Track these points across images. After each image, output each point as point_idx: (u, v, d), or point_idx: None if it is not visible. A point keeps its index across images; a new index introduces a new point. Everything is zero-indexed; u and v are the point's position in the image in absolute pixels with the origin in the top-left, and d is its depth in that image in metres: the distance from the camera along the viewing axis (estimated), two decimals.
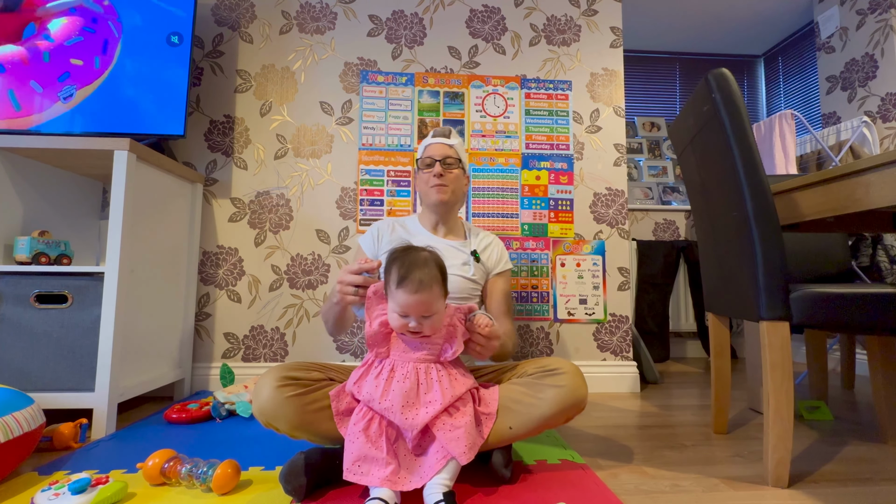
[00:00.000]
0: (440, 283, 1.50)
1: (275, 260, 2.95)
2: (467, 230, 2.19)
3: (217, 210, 2.96)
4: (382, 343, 1.53)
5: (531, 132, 3.13)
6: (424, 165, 2.08)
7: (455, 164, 2.08)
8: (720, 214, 1.87)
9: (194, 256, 2.82)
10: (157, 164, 2.43)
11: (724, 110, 1.71)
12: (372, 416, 1.46)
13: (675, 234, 4.71)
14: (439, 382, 1.49)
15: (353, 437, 1.42)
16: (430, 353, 1.52)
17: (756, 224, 1.64)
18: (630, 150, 5.10)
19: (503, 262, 2.13)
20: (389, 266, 1.50)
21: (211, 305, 2.90)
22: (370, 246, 2.08)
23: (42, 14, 2.53)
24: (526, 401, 1.60)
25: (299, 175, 3.01)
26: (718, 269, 2.00)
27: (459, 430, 1.44)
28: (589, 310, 3.05)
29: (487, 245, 2.14)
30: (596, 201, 3.12)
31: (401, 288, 1.44)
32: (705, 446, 2.02)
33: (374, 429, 1.44)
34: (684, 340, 4.67)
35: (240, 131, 3.02)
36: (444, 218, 2.11)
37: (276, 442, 1.97)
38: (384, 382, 1.48)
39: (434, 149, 2.09)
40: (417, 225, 2.15)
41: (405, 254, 1.51)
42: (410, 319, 1.46)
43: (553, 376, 1.62)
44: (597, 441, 2.08)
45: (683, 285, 4.42)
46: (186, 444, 1.95)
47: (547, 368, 1.65)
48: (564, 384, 1.59)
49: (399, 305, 1.46)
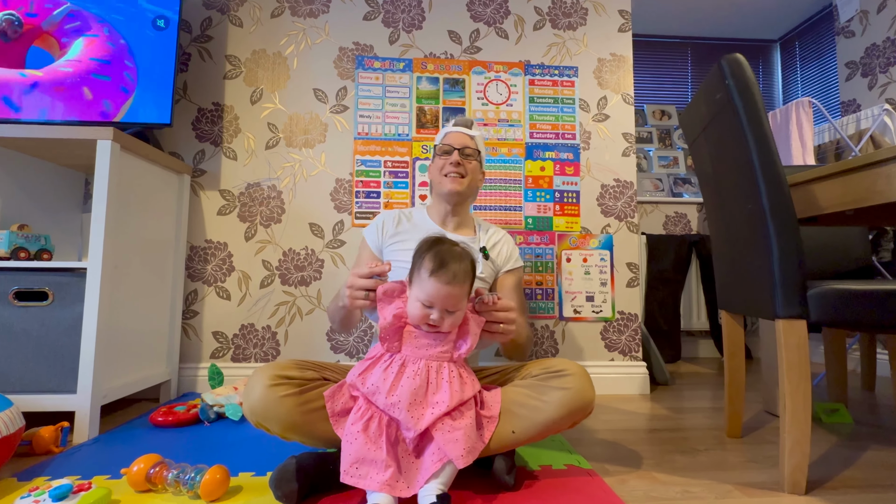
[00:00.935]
0: (470, 282, 1.54)
1: (266, 255, 2.95)
2: (477, 225, 2.19)
3: (205, 202, 2.95)
4: (395, 337, 1.53)
5: (535, 120, 3.12)
6: (442, 152, 2.09)
7: (474, 154, 2.10)
8: (734, 207, 1.86)
9: (181, 251, 2.81)
10: (142, 155, 2.43)
11: (738, 97, 1.70)
12: (371, 414, 1.46)
13: (687, 227, 4.70)
14: (449, 383, 1.49)
15: (351, 437, 1.42)
16: (445, 351, 1.52)
17: (772, 217, 1.63)
18: (639, 139, 5.09)
19: (513, 260, 2.12)
20: (422, 254, 1.53)
21: (199, 303, 2.90)
22: (375, 239, 2.08)
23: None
24: (530, 404, 1.60)
25: (292, 166, 3.01)
26: (732, 265, 1.99)
27: (459, 432, 1.44)
28: (596, 307, 3.05)
29: (497, 241, 2.14)
30: (604, 193, 3.12)
31: (434, 277, 1.47)
32: (718, 451, 2.02)
33: (374, 428, 1.44)
34: (696, 339, 4.67)
35: (229, 120, 3.01)
36: (455, 210, 2.11)
37: (268, 446, 1.97)
38: (393, 377, 1.48)
39: (454, 137, 2.11)
40: (425, 217, 2.15)
41: (440, 244, 1.54)
42: (434, 311, 1.48)
43: (559, 378, 1.61)
44: (604, 445, 2.08)
45: (695, 281, 4.41)
46: (173, 448, 1.95)
47: (552, 370, 1.64)
48: (570, 386, 1.59)
49: (427, 295, 1.48)
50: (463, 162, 2.06)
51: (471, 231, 2.15)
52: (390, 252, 2.03)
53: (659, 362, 3.29)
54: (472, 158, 2.08)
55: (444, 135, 2.15)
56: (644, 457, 1.94)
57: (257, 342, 2.90)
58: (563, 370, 1.63)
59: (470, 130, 2.13)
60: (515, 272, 2.11)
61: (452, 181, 2.04)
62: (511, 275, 2.10)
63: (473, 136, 2.12)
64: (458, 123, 2.15)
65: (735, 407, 2.20)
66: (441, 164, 2.08)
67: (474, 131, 2.14)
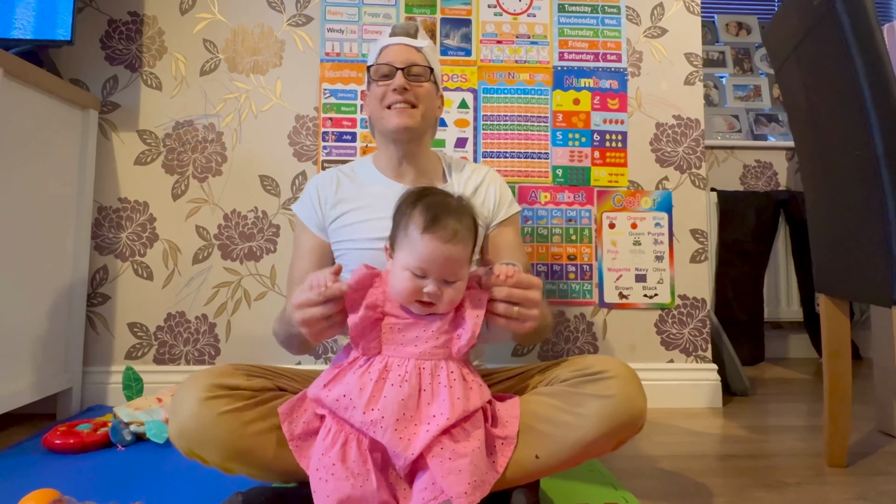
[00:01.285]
0: (472, 245, 1.52)
1: (201, 219, 2.94)
2: (446, 167, 2.13)
3: (119, 148, 2.94)
4: (373, 335, 1.49)
5: (567, 36, 3.10)
6: (380, 76, 1.99)
7: (424, 74, 2.00)
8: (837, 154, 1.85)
9: (86, 214, 2.79)
10: (31, 82, 2.40)
11: (842, 4, 1.67)
12: (346, 437, 1.42)
13: (773, 181, 4.69)
14: (449, 389, 1.44)
15: (325, 471, 1.38)
16: (440, 345, 1.49)
17: (889, 168, 1.61)
18: (708, 62, 5.06)
19: (507, 204, 2.07)
20: (408, 207, 1.50)
21: (109, 284, 2.89)
22: (312, 215, 2.02)
23: None
24: (559, 418, 1.56)
25: (236, 98, 2.99)
26: (835, 233, 1.98)
27: (463, 460, 1.39)
28: (649, 290, 3.04)
29: (479, 185, 2.08)
30: (659, 135, 3.11)
31: (429, 234, 1.43)
32: (816, 485, 2.01)
33: (354, 454, 1.40)
34: (786, 334, 4.68)
35: (151, 35, 2.99)
36: (410, 154, 2.04)
37: (204, 478, 1.95)
38: (372, 385, 1.43)
39: (393, 52, 1.99)
40: (372, 170, 2.09)
41: (430, 194, 1.52)
42: (429, 282, 1.44)
43: (597, 382, 1.57)
44: (661, 477, 2.08)
45: (784, 255, 4.42)
46: (75, 480, 1.94)
47: (588, 371, 1.60)
48: (613, 393, 1.54)
49: (420, 258, 1.44)
50: (411, 86, 1.95)
51: (438, 178, 2.09)
52: (336, 231, 1.99)
53: (735, 365, 3.28)
54: (422, 79, 1.99)
55: (379, 51, 2.04)
56: (715, 493, 1.93)
57: (189, 337, 2.90)
58: (604, 371, 1.57)
59: (415, 41, 2.02)
60: (512, 221, 2.08)
61: (399, 114, 1.93)
62: (508, 226, 2.06)
63: (421, 47, 2.02)
64: (398, 32, 2.05)
65: (839, 425, 2.19)
66: (381, 92, 1.96)
67: (422, 41, 2.03)
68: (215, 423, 1.46)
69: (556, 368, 1.70)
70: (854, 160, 1.73)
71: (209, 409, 1.46)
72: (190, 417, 1.47)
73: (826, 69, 1.81)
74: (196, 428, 1.47)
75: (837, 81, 1.75)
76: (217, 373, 1.54)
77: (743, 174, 4.70)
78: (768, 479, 2.05)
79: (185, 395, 1.49)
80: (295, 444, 1.48)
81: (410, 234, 1.45)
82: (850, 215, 1.83)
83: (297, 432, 1.48)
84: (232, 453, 1.49)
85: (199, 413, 1.46)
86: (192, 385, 1.50)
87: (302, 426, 1.49)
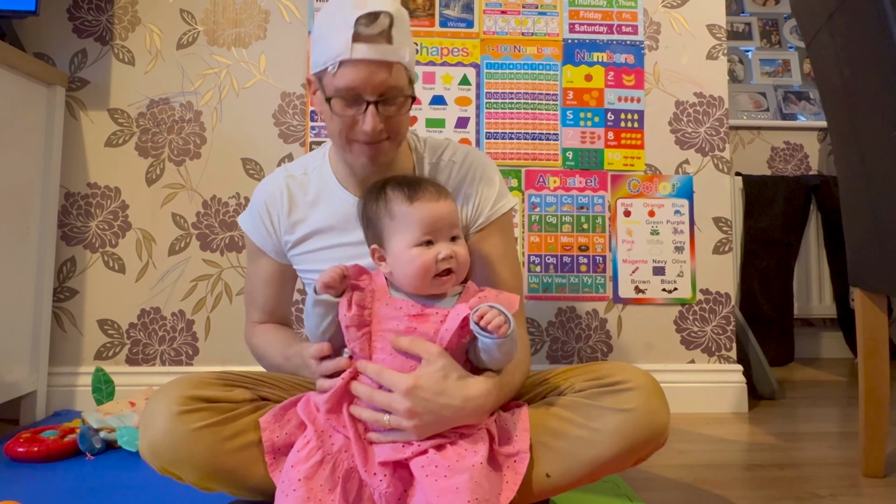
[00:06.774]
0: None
1: (178, 206, 2.95)
2: (417, 158, 1.88)
3: (88, 128, 2.94)
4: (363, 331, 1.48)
5: (578, 6, 3.10)
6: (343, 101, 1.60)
7: (402, 98, 1.65)
8: (874, 135, 1.84)
9: (51, 201, 2.79)
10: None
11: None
12: (323, 456, 1.41)
13: (804, 165, 4.70)
14: None
15: (288, 485, 1.37)
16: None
17: None
18: (733, 34, 5.05)
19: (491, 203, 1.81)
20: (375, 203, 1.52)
21: (78, 277, 2.90)
22: (266, 240, 1.85)
23: None
24: (573, 433, 1.54)
25: (216, 73, 2.99)
26: (873, 221, 1.97)
27: (461, 478, 1.36)
28: (668, 284, 3.04)
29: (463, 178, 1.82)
30: (679, 115, 3.11)
31: (417, 200, 1.46)
32: (850, 497, 2.01)
33: (324, 477, 1.38)
34: (818, 332, 4.69)
35: (123, 5, 2.98)
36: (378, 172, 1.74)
37: (180, 490, 1.95)
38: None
39: (361, 73, 1.56)
40: (329, 178, 1.84)
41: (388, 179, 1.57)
42: (441, 246, 1.44)
43: (616, 394, 1.54)
44: (680, 489, 2.08)
45: (816, 246, 4.41)
46: (40, 492, 1.94)
47: (606, 381, 1.57)
48: (634, 406, 1.51)
49: (421, 226, 1.45)
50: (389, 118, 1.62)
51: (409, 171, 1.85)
52: (298, 258, 1.85)
53: (762, 366, 3.28)
54: (402, 109, 1.66)
55: (337, 65, 1.56)
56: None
57: (165, 336, 2.91)
58: (623, 382, 1.55)
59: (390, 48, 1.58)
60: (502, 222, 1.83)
61: (370, 151, 1.65)
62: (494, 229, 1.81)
63: (399, 60, 1.60)
64: (363, 38, 1.53)
65: (875, 432, 2.19)
66: (343, 123, 1.62)
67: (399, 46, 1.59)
68: (190, 440, 1.45)
69: (569, 376, 1.66)
70: (893, 141, 1.73)
71: (183, 425, 1.44)
72: (162, 434, 1.45)
73: (862, 42, 1.80)
74: (170, 446, 1.45)
75: (875, 55, 1.74)
76: (192, 383, 1.53)
77: (771, 157, 4.70)
78: (799, 490, 2.06)
79: (157, 408, 1.47)
80: (272, 458, 1.47)
81: (398, 214, 1.47)
82: (888, 202, 1.83)
83: (278, 444, 1.47)
84: (209, 472, 1.48)
85: (172, 429, 1.44)
86: (164, 397, 1.48)
87: (284, 437, 1.48)
